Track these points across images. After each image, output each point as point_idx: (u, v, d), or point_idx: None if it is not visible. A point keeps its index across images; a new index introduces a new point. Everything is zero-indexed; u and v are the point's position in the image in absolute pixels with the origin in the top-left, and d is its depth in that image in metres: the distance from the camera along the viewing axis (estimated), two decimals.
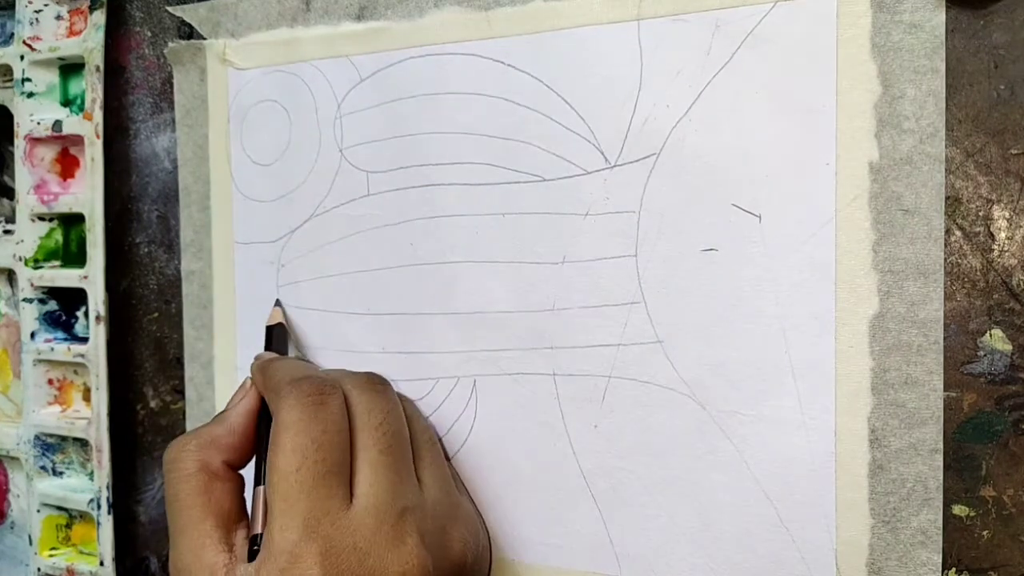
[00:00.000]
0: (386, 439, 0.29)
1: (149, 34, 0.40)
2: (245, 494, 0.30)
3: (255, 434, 0.31)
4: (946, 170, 0.26)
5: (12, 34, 0.41)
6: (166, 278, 0.40)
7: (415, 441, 0.31)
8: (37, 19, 0.40)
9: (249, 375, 0.33)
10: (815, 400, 0.28)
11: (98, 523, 0.39)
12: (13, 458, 0.43)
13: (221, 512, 0.29)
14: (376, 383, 0.31)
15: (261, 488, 0.29)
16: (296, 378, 0.29)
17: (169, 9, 0.39)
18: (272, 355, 0.34)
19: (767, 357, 0.29)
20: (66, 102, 0.41)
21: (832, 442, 0.28)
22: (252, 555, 0.28)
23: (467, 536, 0.30)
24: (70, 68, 0.41)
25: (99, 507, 0.39)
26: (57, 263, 0.41)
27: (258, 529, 0.28)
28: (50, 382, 0.42)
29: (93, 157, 0.39)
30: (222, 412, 0.32)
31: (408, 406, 0.33)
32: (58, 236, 0.41)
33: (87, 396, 0.41)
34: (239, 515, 0.29)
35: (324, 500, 0.27)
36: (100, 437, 0.39)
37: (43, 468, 0.41)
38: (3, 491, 0.44)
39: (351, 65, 0.35)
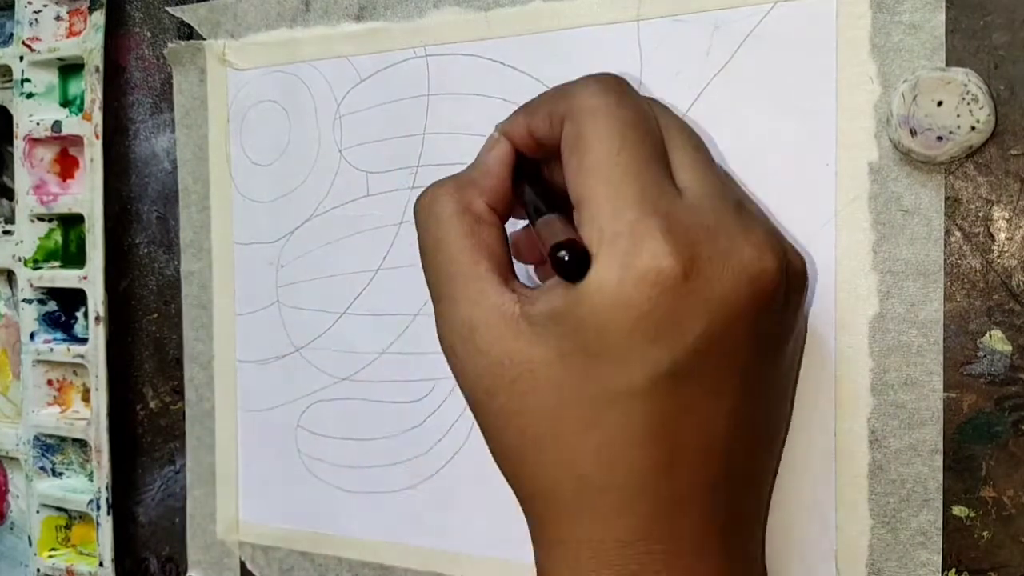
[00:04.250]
0: (696, 138, 0.25)
1: (148, 35, 0.40)
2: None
3: (512, 182, 0.27)
4: (946, 170, 0.26)
5: (11, 35, 0.41)
6: (166, 278, 0.40)
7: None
8: (36, 20, 0.40)
9: (494, 132, 0.28)
10: (815, 400, 0.28)
11: (97, 524, 0.39)
12: (12, 459, 0.43)
13: (493, 256, 0.25)
14: (660, 102, 0.27)
15: (552, 214, 0.24)
16: (576, 79, 0.25)
17: (169, 9, 0.39)
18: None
19: None
20: (65, 103, 0.41)
21: (832, 442, 0.28)
22: (561, 270, 0.23)
23: (799, 253, 0.26)
24: (69, 69, 0.41)
25: (98, 508, 0.39)
26: (57, 264, 0.41)
27: (564, 237, 0.23)
28: (49, 383, 0.42)
29: (92, 158, 0.39)
30: (471, 163, 0.28)
31: None
32: (57, 237, 0.41)
33: (86, 397, 0.41)
34: (510, 263, 0.26)
35: (655, 182, 0.23)
36: (99, 438, 0.39)
37: (42, 469, 0.41)
38: (2, 492, 0.44)
39: (350, 65, 0.35)
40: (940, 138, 0.25)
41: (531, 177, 0.27)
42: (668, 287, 0.22)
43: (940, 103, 0.25)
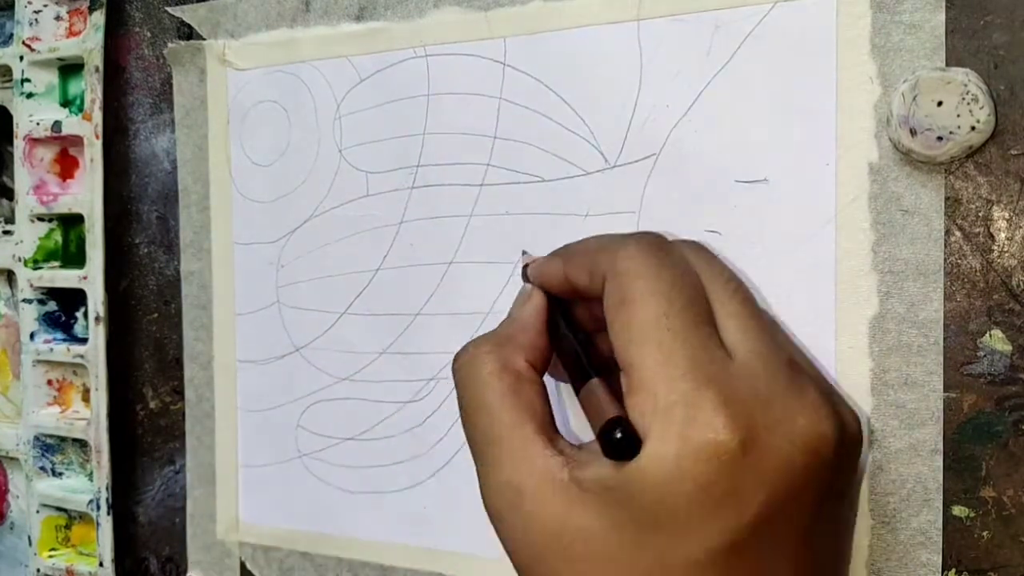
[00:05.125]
0: (741, 291, 0.25)
1: (148, 35, 0.40)
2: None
3: (548, 334, 0.27)
4: (946, 170, 0.26)
5: (11, 35, 0.41)
6: (166, 279, 0.40)
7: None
8: (36, 20, 0.40)
9: (526, 284, 0.29)
10: None
11: (97, 524, 0.39)
12: (12, 459, 0.43)
13: (536, 415, 0.25)
14: (700, 244, 0.27)
15: (596, 380, 0.24)
16: (618, 236, 0.26)
17: (168, 9, 0.39)
18: (549, 253, 0.29)
19: None
20: (65, 103, 0.41)
21: None
22: (610, 449, 0.22)
23: (852, 410, 0.26)
24: (69, 69, 0.41)
25: (98, 508, 0.39)
26: (56, 264, 0.41)
27: (612, 413, 0.23)
28: (49, 383, 0.42)
29: (92, 158, 0.39)
30: (506, 318, 0.28)
31: None
32: (57, 237, 0.41)
33: (86, 397, 0.41)
34: (553, 422, 0.25)
35: (704, 346, 0.23)
36: (99, 438, 0.39)
37: (42, 469, 0.41)
38: (2, 492, 0.44)
39: (350, 66, 0.35)
40: (940, 138, 0.25)
41: (565, 316, 0.28)
42: (726, 461, 0.21)
43: (940, 103, 0.25)
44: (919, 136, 0.26)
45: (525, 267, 0.30)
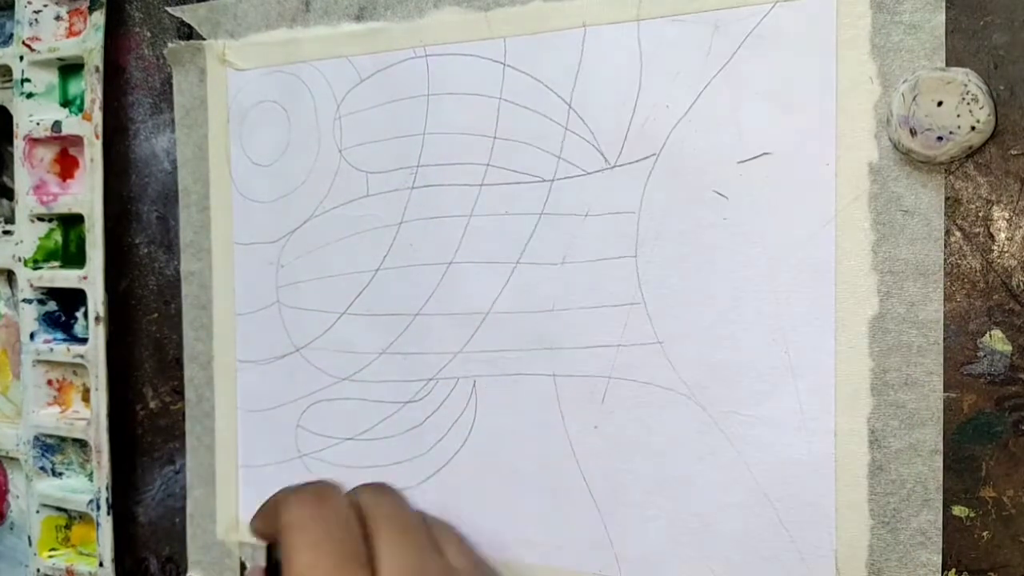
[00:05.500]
0: (401, 521, 0.28)
1: (148, 35, 0.40)
2: None
3: None
4: (946, 170, 0.26)
5: (11, 35, 0.41)
6: (166, 279, 0.40)
7: (433, 528, 0.30)
8: (36, 20, 0.40)
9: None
10: (815, 401, 0.28)
11: (97, 524, 0.39)
12: (12, 459, 0.43)
13: None
14: (379, 484, 0.30)
15: None
16: (289, 491, 0.28)
17: (168, 9, 0.39)
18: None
19: (767, 358, 0.29)
20: (65, 103, 0.41)
21: (832, 443, 0.28)
22: None
23: None
24: (69, 69, 0.41)
25: (98, 508, 0.39)
26: (56, 264, 0.41)
27: None
28: (49, 383, 0.42)
29: (92, 158, 0.39)
30: None
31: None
32: (57, 237, 0.41)
33: (86, 397, 0.41)
34: None
35: None
36: (99, 438, 0.39)
37: (42, 469, 0.41)
38: (2, 492, 0.44)
39: (351, 65, 0.35)
40: (940, 138, 0.25)
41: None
42: None
43: (940, 103, 0.25)
44: (919, 136, 0.26)
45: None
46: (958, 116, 0.25)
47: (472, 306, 0.33)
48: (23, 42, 0.40)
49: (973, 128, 0.25)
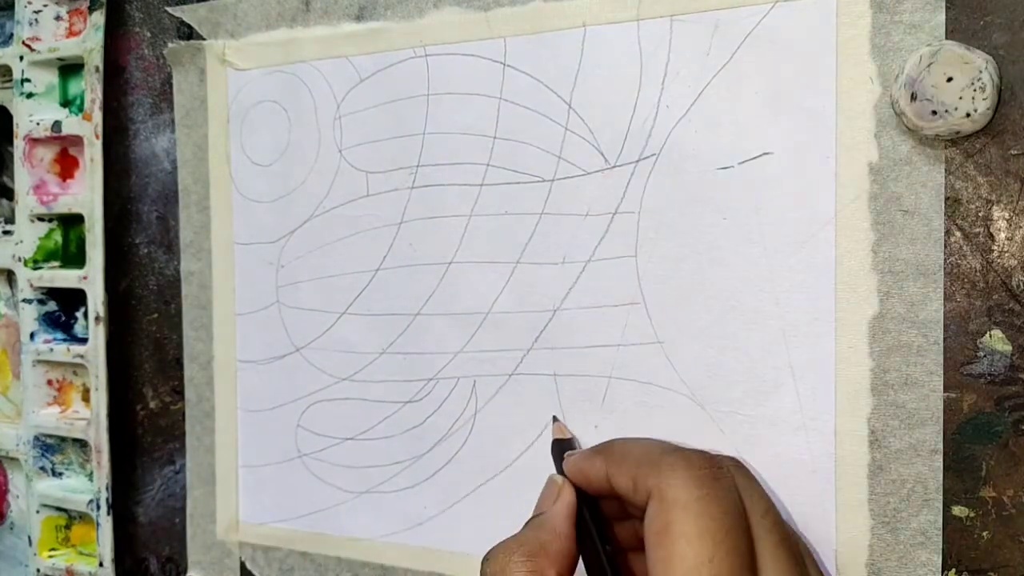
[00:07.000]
0: (779, 528, 0.25)
1: (148, 35, 0.40)
2: None
3: (576, 534, 0.27)
4: (946, 170, 0.26)
5: (11, 35, 0.41)
6: (166, 278, 0.40)
7: (800, 543, 0.27)
8: (36, 20, 0.40)
9: (555, 473, 0.29)
10: (815, 401, 0.28)
11: (97, 524, 0.39)
12: (12, 459, 0.43)
13: None
14: (746, 468, 0.27)
15: None
16: (670, 450, 0.25)
17: (168, 10, 0.39)
18: (589, 448, 0.30)
19: (767, 358, 0.29)
20: (65, 103, 0.41)
21: (832, 443, 0.28)
22: None
23: None
24: (69, 69, 0.41)
25: (98, 508, 0.39)
26: (56, 264, 0.41)
27: None
28: (49, 383, 0.42)
29: (92, 158, 0.39)
30: (538, 515, 0.28)
31: None
32: (57, 237, 0.41)
33: (86, 397, 0.41)
34: None
35: None
36: (99, 438, 0.39)
37: (42, 469, 0.41)
38: (2, 492, 0.44)
39: (350, 65, 0.35)
40: (935, 112, 0.25)
41: (594, 518, 0.28)
42: None
43: (951, 79, 0.25)
44: (917, 103, 0.25)
45: (558, 451, 0.30)
46: (960, 98, 0.25)
47: (472, 306, 0.33)
48: (23, 42, 0.40)
49: (968, 115, 0.25)
